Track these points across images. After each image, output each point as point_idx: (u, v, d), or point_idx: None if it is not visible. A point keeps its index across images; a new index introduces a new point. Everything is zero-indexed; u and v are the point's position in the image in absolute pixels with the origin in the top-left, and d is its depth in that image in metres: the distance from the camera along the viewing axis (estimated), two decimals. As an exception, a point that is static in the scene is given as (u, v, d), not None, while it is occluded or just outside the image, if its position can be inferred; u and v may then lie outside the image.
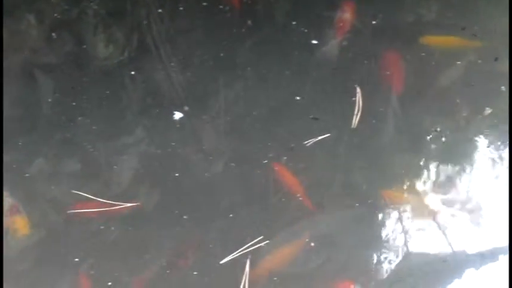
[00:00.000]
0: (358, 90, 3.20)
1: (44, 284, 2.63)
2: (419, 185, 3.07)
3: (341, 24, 3.44)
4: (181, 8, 3.54)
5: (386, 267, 2.81)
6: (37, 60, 3.18)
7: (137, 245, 2.74)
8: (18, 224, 2.74)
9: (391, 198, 3.00)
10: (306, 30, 3.33)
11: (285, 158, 3.02)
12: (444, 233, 2.89)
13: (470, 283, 2.73)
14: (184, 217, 2.81)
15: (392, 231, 2.92)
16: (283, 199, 2.93)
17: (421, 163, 3.12)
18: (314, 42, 3.33)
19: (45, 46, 3.22)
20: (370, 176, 3.07)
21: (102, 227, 2.76)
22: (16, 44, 3.21)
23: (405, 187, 3.06)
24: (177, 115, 3.11)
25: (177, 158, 2.99)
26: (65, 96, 3.13)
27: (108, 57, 3.25)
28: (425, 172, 3.10)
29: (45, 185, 2.87)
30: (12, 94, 3.11)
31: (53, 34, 3.27)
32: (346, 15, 3.52)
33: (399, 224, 2.94)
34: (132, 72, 3.22)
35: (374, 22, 3.51)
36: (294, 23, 3.47)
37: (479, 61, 3.41)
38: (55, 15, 3.37)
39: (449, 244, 2.85)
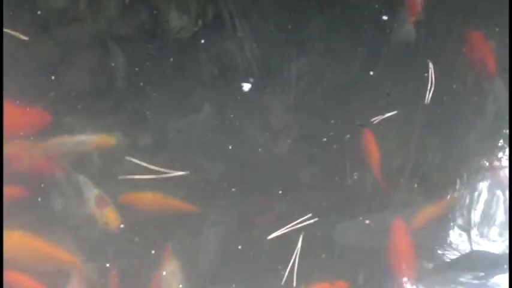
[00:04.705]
0: (431, 65, 3.08)
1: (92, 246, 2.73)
2: (491, 166, 2.97)
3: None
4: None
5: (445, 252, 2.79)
6: (112, 31, 3.23)
7: (182, 214, 2.78)
8: (109, 217, 2.75)
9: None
10: (376, 6, 3.21)
11: (348, 136, 2.96)
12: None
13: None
14: (233, 190, 2.82)
15: (458, 215, 2.86)
16: (336, 178, 2.88)
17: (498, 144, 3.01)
18: (385, 18, 3.21)
19: (120, 17, 3.27)
20: (441, 156, 2.99)
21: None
22: (93, 13, 3.28)
23: (477, 168, 2.97)
24: (244, 87, 3.09)
25: (236, 130, 2.98)
26: (136, 66, 3.17)
27: (182, 28, 3.26)
28: (500, 153, 2.99)
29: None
30: (86, 65, 3.18)
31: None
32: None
33: (467, 207, 2.87)
34: (202, 41, 3.21)
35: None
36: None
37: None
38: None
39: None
